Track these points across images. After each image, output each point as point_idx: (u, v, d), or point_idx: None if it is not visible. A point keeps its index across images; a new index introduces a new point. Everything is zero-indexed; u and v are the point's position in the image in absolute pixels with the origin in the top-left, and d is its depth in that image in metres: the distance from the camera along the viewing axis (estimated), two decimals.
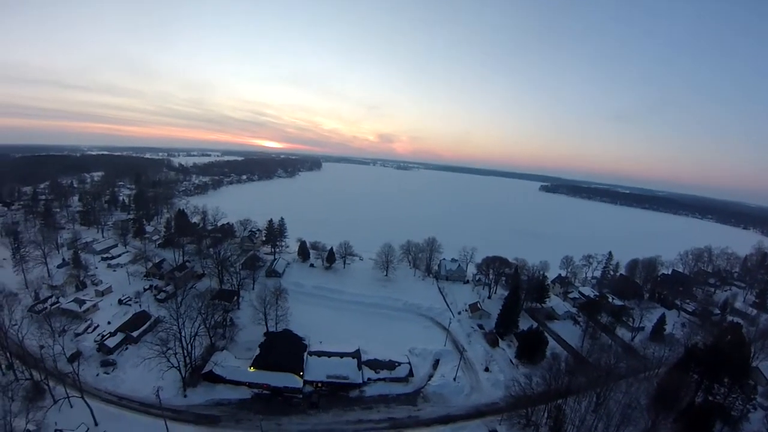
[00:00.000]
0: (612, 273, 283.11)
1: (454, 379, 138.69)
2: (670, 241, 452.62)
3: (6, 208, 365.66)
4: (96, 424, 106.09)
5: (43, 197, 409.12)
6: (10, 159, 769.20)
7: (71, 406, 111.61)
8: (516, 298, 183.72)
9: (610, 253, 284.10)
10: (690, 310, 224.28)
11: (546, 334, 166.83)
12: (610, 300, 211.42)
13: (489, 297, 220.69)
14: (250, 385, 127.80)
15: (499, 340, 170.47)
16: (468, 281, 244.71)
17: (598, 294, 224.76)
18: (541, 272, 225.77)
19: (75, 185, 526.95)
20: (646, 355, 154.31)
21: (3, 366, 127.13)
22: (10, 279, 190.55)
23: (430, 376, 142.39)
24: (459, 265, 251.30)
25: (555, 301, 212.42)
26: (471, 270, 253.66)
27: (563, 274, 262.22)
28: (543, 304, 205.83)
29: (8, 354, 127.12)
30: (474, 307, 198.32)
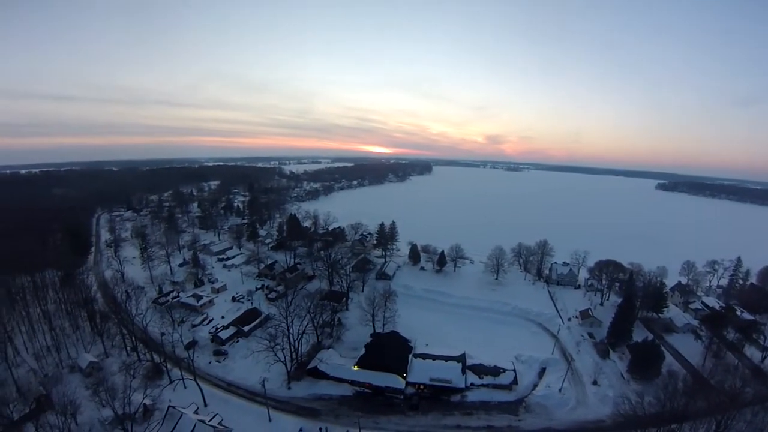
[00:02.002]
0: (741, 282, 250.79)
1: (560, 390, 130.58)
2: None
3: (136, 214, 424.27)
4: (205, 405, 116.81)
5: (167, 204, 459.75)
6: (139, 172, 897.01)
7: (185, 387, 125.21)
8: (630, 307, 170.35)
9: (738, 259, 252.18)
10: None
11: (662, 347, 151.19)
12: (738, 313, 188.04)
13: (601, 304, 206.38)
14: (353, 383, 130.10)
15: (610, 351, 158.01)
16: (579, 286, 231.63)
17: (724, 306, 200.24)
18: (659, 279, 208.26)
19: (194, 193, 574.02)
20: None
21: (128, 348, 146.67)
22: (138, 275, 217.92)
23: (535, 386, 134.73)
24: (570, 269, 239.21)
25: (674, 312, 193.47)
26: (583, 274, 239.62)
27: (684, 281, 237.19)
28: (660, 315, 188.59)
29: (133, 338, 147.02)
30: (585, 314, 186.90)
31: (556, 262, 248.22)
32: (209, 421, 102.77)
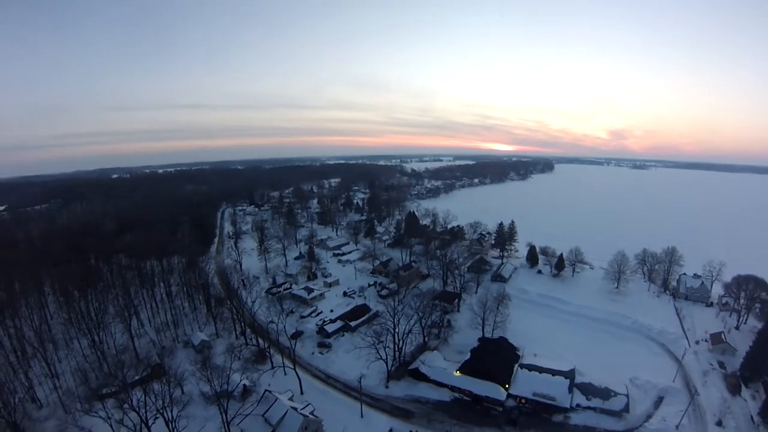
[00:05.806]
0: None
1: (677, 427, 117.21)
2: None
3: (257, 209, 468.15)
4: (301, 393, 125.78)
5: (287, 200, 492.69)
6: (262, 170, 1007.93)
7: (285, 374, 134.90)
8: None
9: None
10: None
11: None
12: None
13: (737, 327, 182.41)
14: (452, 388, 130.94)
15: (742, 386, 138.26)
16: (712, 304, 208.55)
17: None
18: None
19: (314, 190, 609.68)
20: None
21: (237, 331, 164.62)
22: (254, 265, 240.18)
23: (649, 417, 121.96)
24: (702, 282, 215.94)
25: None
26: (717, 290, 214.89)
27: None
28: None
29: (243, 323, 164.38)
30: (716, 338, 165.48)
31: (685, 273, 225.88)
32: (301, 410, 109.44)
